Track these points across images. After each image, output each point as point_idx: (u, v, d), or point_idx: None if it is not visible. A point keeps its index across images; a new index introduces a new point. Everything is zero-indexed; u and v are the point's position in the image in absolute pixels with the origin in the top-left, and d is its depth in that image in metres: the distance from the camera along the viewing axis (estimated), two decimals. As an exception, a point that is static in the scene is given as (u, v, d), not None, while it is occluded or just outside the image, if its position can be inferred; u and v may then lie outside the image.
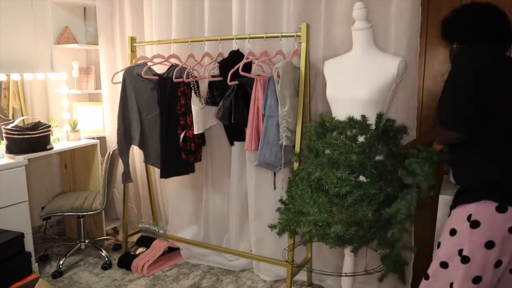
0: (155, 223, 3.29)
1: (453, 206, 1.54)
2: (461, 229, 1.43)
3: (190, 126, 2.59)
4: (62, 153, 3.35)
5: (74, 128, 3.18)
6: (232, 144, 2.68)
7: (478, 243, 1.37)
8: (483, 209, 1.38)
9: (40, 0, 3.16)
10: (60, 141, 3.12)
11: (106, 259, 2.96)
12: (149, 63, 2.73)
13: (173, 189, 3.06)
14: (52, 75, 3.22)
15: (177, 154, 2.65)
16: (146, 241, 3.08)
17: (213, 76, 2.49)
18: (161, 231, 3.04)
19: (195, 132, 2.56)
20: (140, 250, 3.02)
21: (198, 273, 2.86)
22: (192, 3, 2.82)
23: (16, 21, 3.03)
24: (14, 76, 2.97)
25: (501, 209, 1.34)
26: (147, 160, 2.89)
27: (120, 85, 2.75)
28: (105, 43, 3.31)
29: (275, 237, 2.19)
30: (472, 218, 1.39)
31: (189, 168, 2.78)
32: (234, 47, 2.54)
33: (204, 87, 2.63)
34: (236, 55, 2.49)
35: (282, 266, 2.49)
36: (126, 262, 2.93)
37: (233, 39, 2.51)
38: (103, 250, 3.02)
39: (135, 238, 3.20)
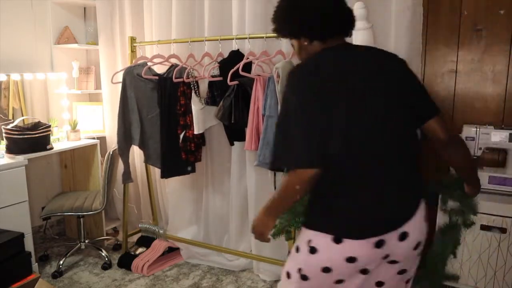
0: (155, 223, 3.29)
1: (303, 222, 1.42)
2: (302, 250, 1.35)
3: (190, 126, 2.59)
4: (62, 153, 3.35)
5: (74, 128, 3.19)
6: (232, 144, 2.68)
7: (316, 268, 1.31)
8: (320, 239, 1.29)
9: (40, 0, 3.16)
10: (60, 141, 3.12)
11: (106, 259, 2.96)
12: (149, 63, 2.73)
13: (173, 189, 3.06)
14: (52, 75, 3.23)
15: (177, 154, 2.65)
16: (146, 241, 3.08)
17: (213, 76, 2.49)
18: (161, 231, 3.04)
19: (195, 132, 2.56)
20: (140, 250, 3.02)
21: (198, 273, 2.86)
22: (192, 3, 2.82)
23: (16, 21, 3.03)
24: (14, 76, 2.97)
25: (337, 240, 1.26)
26: (147, 160, 2.89)
27: (120, 85, 2.75)
28: (105, 43, 3.31)
29: (275, 237, 2.19)
30: (311, 244, 1.32)
31: (189, 168, 2.78)
32: (234, 47, 2.54)
33: (204, 87, 2.63)
34: (236, 55, 2.49)
35: (282, 266, 2.48)
36: (126, 262, 2.93)
37: (233, 39, 2.50)
38: (103, 250, 3.02)
39: (135, 238, 3.20)
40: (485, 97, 2.25)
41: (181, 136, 2.63)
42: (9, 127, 2.72)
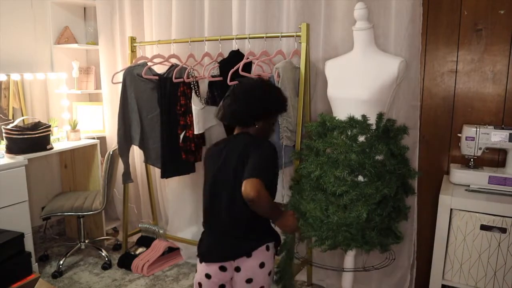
0: (155, 223, 3.29)
1: None
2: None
3: (190, 126, 2.59)
4: (62, 153, 3.35)
5: (74, 128, 3.19)
6: (232, 144, 2.68)
7: (197, 279, 1.77)
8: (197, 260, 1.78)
9: (40, 0, 3.16)
10: (60, 141, 3.12)
11: (106, 259, 2.96)
12: (149, 63, 2.73)
13: (173, 189, 3.06)
14: (52, 75, 3.23)
15: (177, 154, 2.65)
16: (146, 241, 3.08)
17: (213, 76, 2.49)
18: (161, 231, 3.04)
19: (195, 132, 2.56)
20: (140, 250, 3.02)
21: (198, 273, 2.86)
22: (192, 3, 2.82)
23: (16, 21, 3.03)
24: (14, 76, 2.97)
25: (200, 261, 1.75)
26: (147, 160, 2.89)
27: (120, 85, 2.75)
28: (105, 43, 3.31)
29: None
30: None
31: (189, 168, 2.78)
32: (234, 47, 2.54)
33: (204, 87, 2.63)
34: (236, 55, 2.49)
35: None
36: (126, 262, 2.93)
37: (233, 39, 2.50)
38: (103, 250, 3.02)
39: (135, 238, 3.20)
40: (485, 97, 2.25)
41: (181, 136, 2.63)
42: (9, 127, 2.72)
